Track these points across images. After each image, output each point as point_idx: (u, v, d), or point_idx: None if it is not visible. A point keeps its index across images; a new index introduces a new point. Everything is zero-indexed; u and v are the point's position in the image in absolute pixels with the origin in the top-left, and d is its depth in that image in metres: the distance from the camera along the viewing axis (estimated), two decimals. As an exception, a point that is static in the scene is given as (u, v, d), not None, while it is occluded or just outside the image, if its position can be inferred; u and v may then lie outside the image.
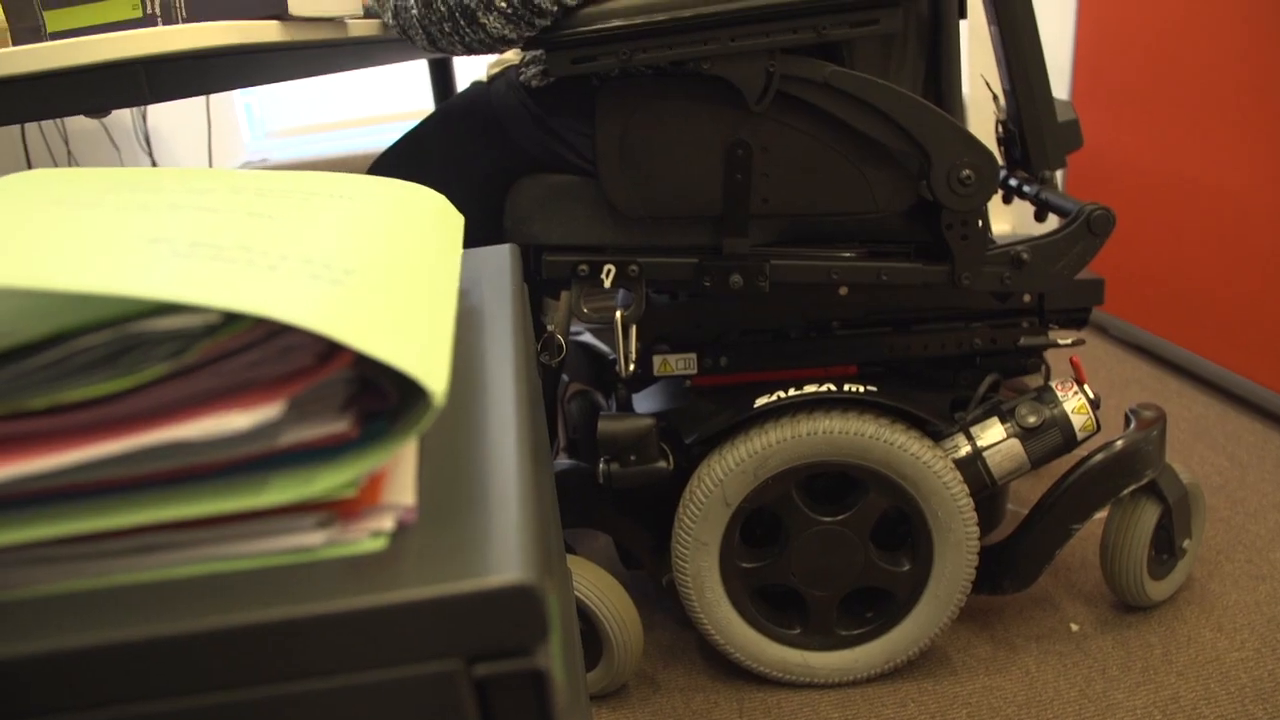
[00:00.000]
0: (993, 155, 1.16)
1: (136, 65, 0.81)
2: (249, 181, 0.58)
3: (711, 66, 1.10)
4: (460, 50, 1.11)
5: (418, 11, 1.09)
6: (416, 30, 1.11)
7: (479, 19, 1.06)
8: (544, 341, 1.25)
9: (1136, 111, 2.27)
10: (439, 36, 1.09)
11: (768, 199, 1.17)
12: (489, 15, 1.05)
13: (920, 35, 1.18)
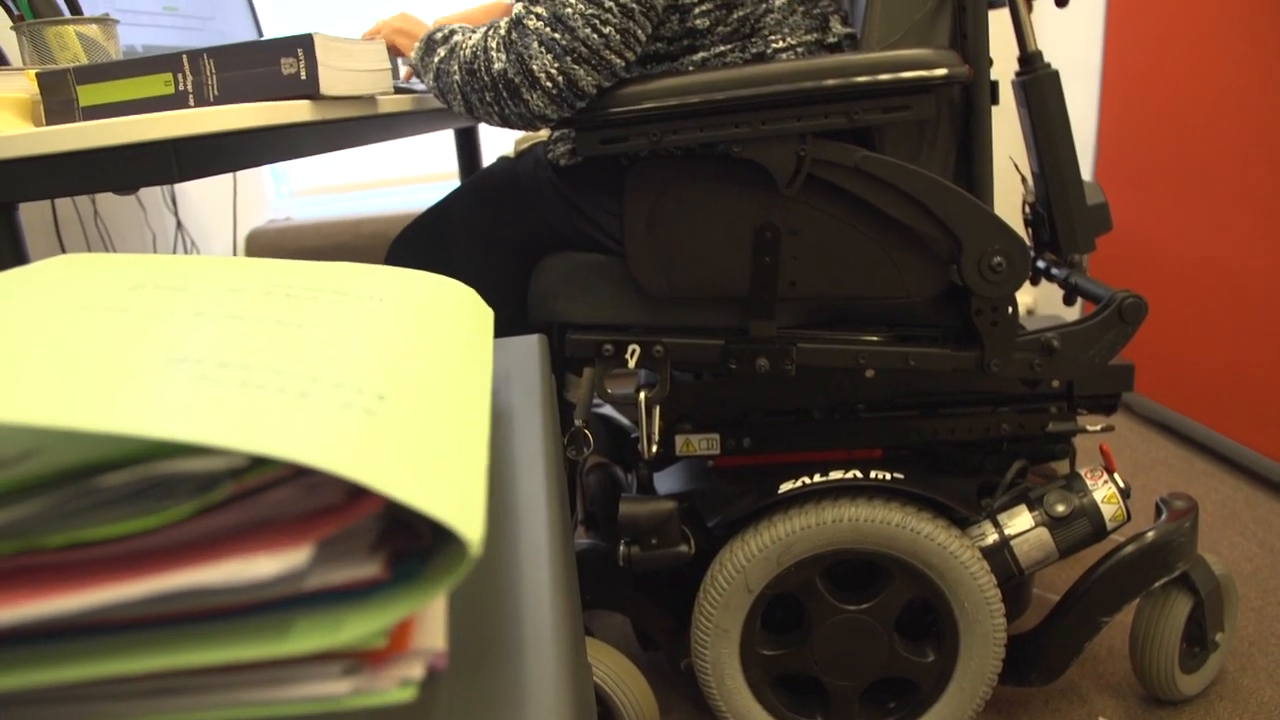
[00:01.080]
0: (1024, 242, 1.15)
1: (167, 146, 0.81)
2: (278, 279, 0.57)
3: (742, 149, 1.09)
4: (496, 121, 1.11)
5: (459, 78, 1.10)
6: (456, 96, 1.11)
7: (522, 94, 1.06)
8: (571, 435, 1.24)
9: (1160, 190, 2.26)
10: (477, 105, 1.10)
11: (796, 282, 1.16)
12: (533, 92, 1.05)
13: (952, 120, 1.17)
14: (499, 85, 1.07)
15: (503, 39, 1.07)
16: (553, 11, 1.04)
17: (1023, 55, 1.28)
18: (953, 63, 1.09)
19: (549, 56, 1.04)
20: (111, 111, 0.93)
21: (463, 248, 1.28)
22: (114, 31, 1.16)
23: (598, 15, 1.03)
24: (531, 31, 1.05)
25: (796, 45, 1.17)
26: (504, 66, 1.06)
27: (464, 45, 1.11)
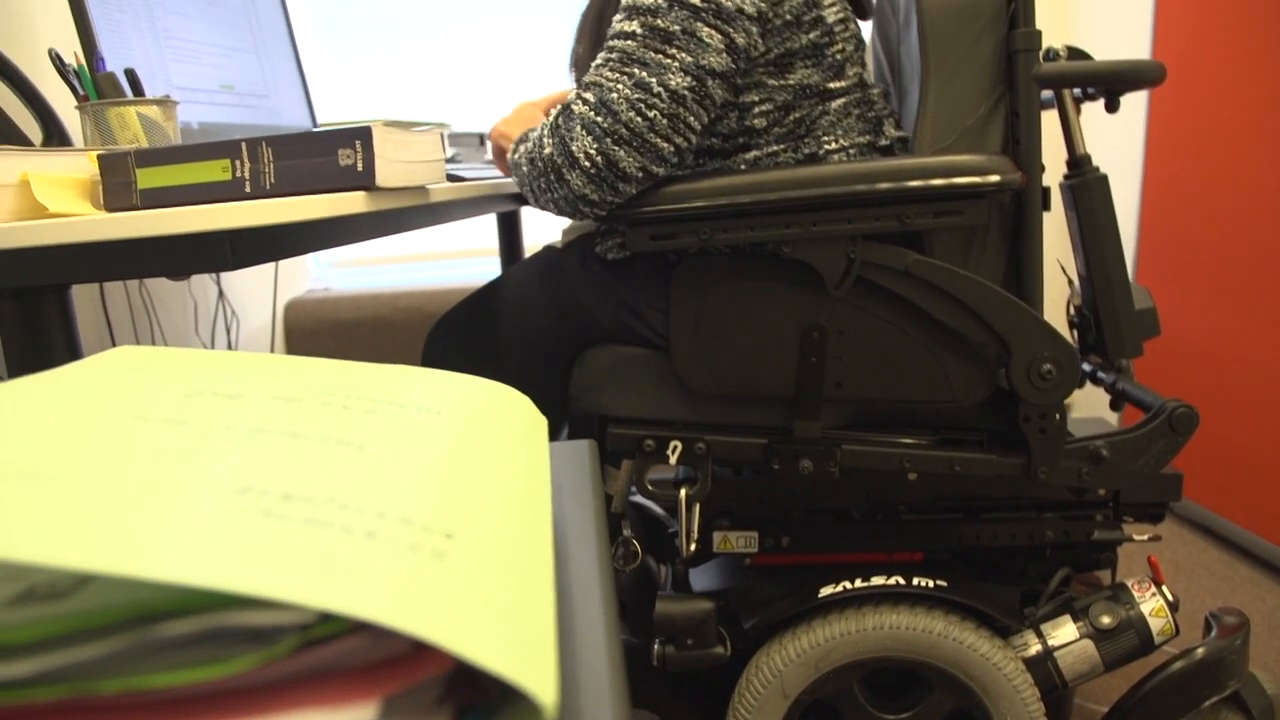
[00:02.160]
0: (1075, 350, 1.14)
1: (223, 236, 0.81)
2: (334, 386, 0.56)
3: (792, 250, 1.09)
4: (551, 207, 1.13)
5: (526, 167, 1.12)
6: (525, 185, 1.14)
7: (564, 175, 1.07)
8: (619, 546, 1.22)
9: (1203, 291, 2.24)
10: (538, 192, 1.12)
11: (842, 383, 1.14)
12: (573, 172, 1.06)
13: (1003, 225, 1.17)
14: (547, 169, 1.08)
15: (552, 125, 1.09)
16: (599, 97, 1.05)
17: (1071, 158, 1.27)
18: (1006, 169, 1.09)
19: (589, 138, 1.05)
20: (169, 195, 0.93)
21: (507, 336, 1.28)
22: (173, 113, 1.18)
23: (644, 100, 1.04)
24: (577, 116, 1.06)
25: (849, 147, 1.17)
26: (551, 151, 1.08)
27: (531, 136, 1.14)
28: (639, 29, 1.06)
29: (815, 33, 1.16)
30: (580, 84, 1.09)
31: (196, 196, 0.93)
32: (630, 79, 1.05)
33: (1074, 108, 1.30)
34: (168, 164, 0.95)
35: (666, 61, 1.05)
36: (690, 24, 1.06)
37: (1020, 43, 1.15)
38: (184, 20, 1.55)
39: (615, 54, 1.07)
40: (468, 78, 2.84)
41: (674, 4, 1.06)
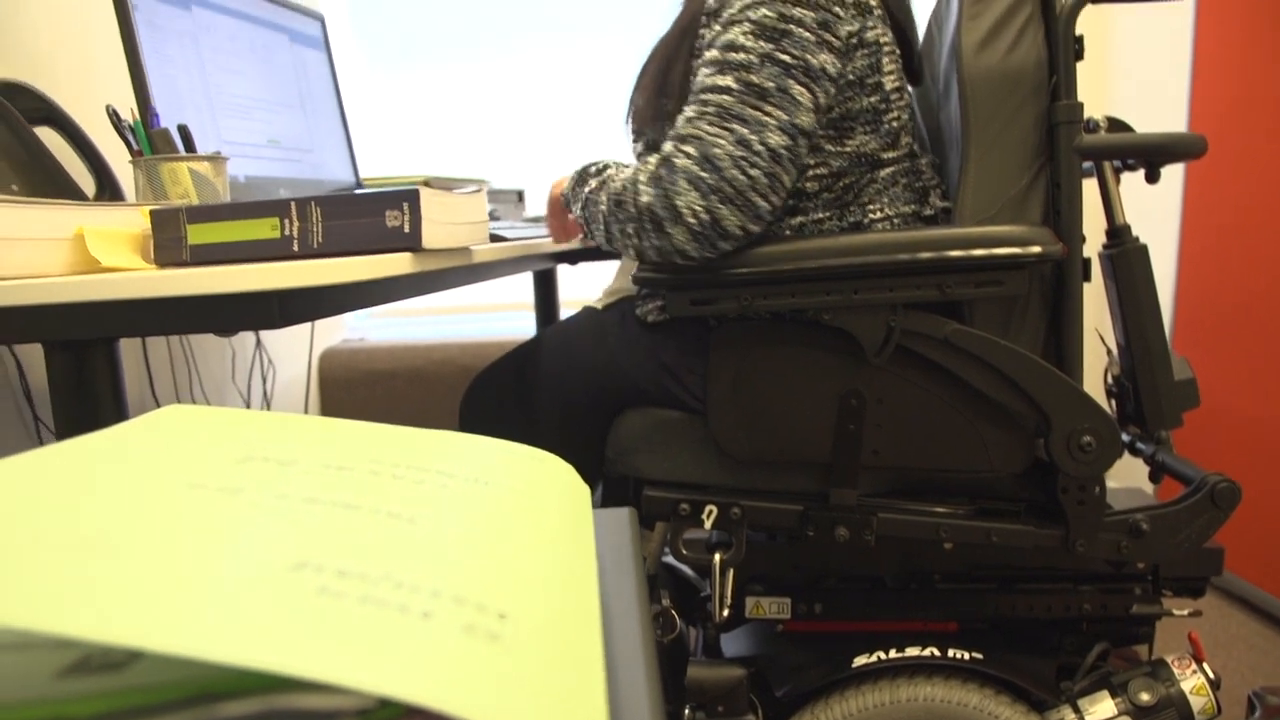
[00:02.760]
0: (1115, 423, 1.13)
1: (272, 295, 0.82)
2: (384, 451, 0.57)
3: (832, 317, 1.09)
4: (631, 253, 1.13)
5: (605, 208, 1.12)
6: (599, 224, 1.15)
7: (665, 229, 1.07)
8: (657, 616, 1.22)
9: (1242, 360, 2.22)
10: (617, 236, 1.12)
11: (879, 451, 1.14)
12: (676, 227, 1.06)
13: (1043, 295, 1.17)
14: (643, 218, 1.08)
15: (651, 174, 1.08)
16: (702, 151, 1.05)
17: (1111, 228, 1.27)
18: (1047, 240, 1.09)
19: (695, 194, 1.04)
20: (217, 251, 0.95)
21: (545, 396, 1.28)
22: (223, 168, 1.20)
23: (746, 158, 1.04)
24: (680, 169, 1.05)
25: (894, 216, 1.18)
26: (650, 200, 1.07)
27: (615, 178, 1.14)
28: (734, 84, 1.07)
29: (875, 97, 1.17)
30: (676, 136, 1.08)
31: (245, 253, 0.94)
32: (732, 135, 1.05)
33: (1114, 178, 1.30)
34: (218, 221, 0.96)
35: (765, 119, 1.06)
36: (783, 81, 1.07)
37: (1062, 115, 1.15)
38: (235, 77, 1.59)
39: (711, 108, 1.07)
40: (505, 133, 2.88)
41: (765, 60, 1.07)
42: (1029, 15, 1.18)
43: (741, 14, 1.10)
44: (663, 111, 1.21)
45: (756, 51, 1.08)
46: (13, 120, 1.20)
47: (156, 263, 0.96)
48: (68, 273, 0.94)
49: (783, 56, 1.08)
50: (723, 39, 1.10)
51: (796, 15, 1.09)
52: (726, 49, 1.09)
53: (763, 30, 1.08)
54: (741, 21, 1.09)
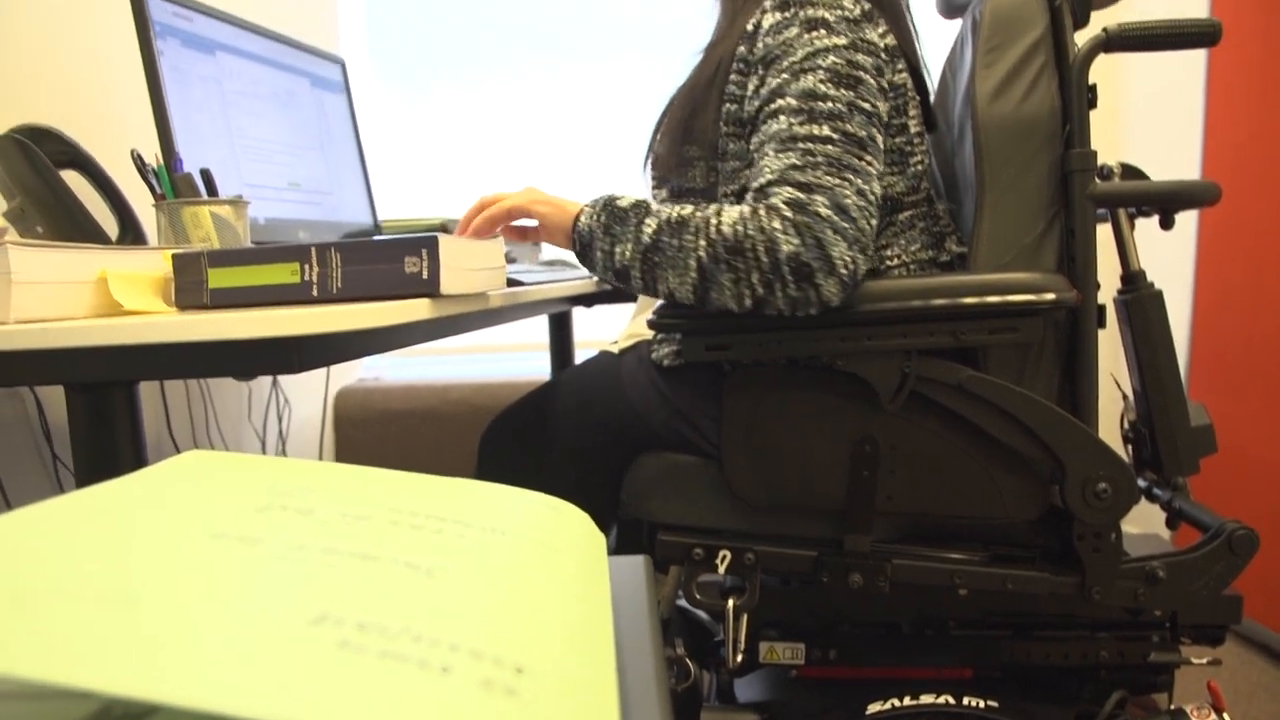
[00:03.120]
0: (1131, 470, 1.13)
1: (290, 341, 0.83)
2: (402, 500, 0.57)
3: (846, 362, 1.10)
4: (736, 303, 1.06)
5: (704, 254, 1.05)
6: (684, 272, 1.07)
7: (815, 280, 1.02)
8: (672, 664, 1.22)
9: (1259, 406, 2.21)
10: (726, 285, 1.05)
11: (893, 497, 1.14)
12: (829, 279, 1.02)
13: (1057, 342, 1.17)
14: (783, 268, 1.02)
15: (790, 221, 1.02)
16: (834, 201, 1.02)
17: (1125, 274, 1.27)
18: (1061, 288, 1.09)
19: (844, 244, 1.02)
20: (237, 295, 0.96)
21: (560, 439, 1.29)
22: (244, 212, 1.22)
23: (866, 208, 1.04)
24: (824, 219, 1.02)
25: (910, 261, 1.19)
26: (797, 250, 1.02)
27: (709, 221, 1.06)
28: (833, 134, 1.06)
29: (901, 138, 1.19)
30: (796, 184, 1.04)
31: (265, 297, 0.95)
32: (850, 185, 1.04)
33: (1128, 224, 1.30)
34: (238, 265, 0.97)
35: (869, 169, 1.06)
36: (870, 130, 1.08)
37: (1076, 162, 1.16)
38: (257, 120, 1.61)
39: (820, 157, 1.05)
40: (522, 170, 2.90)
41: (853, 109, 1.08)
42: (1043, 64, 1.19)
43: (811, 62, 1.10)
44: (686, 159, 1.21)
45: (843, 100, 1.08)
46: (39, 164, 1.21)
47: (177, 305, 0.97)
48: (90, 315, 0.95)
49: (864, 105, 1.09)
50: (797, 87, 1.09)
51: (861, 61, 1.11)
52: (808, 97, 1.08)
53: (839, 78, 1.09)
54: (815, 70, 1.09)
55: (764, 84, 1.13)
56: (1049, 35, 1.20)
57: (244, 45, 1.62)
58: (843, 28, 1.11)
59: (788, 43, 1.11)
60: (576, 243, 1.15)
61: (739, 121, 1.17)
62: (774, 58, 1.13)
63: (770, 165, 1.07)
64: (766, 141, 1.10)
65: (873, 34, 1.14)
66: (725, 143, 1.18)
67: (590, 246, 1.14)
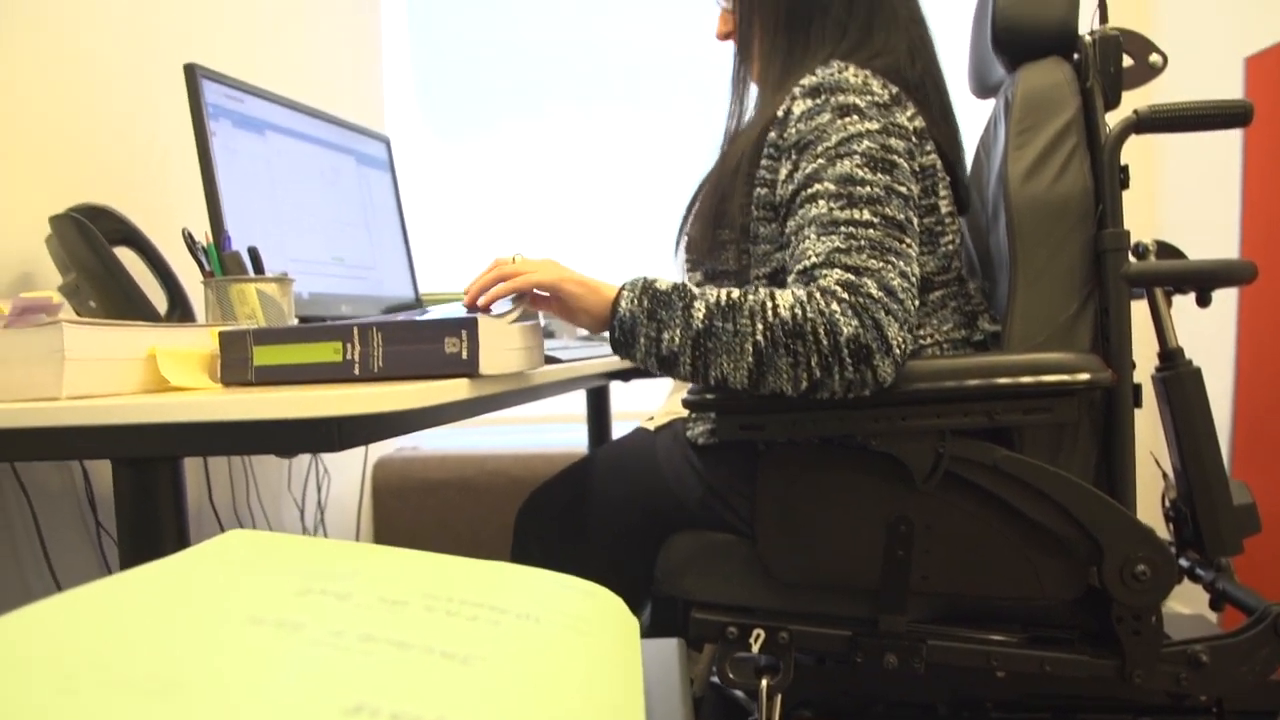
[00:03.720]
0: (1170, 551, 1.12)
1: (331, 420, 0.85)
2: (438, 585, 0.58)
3: (879, 442, 1.10)
4: (788, 389, 1.05)
5: (762, 339, 1.04)
6: (739, 357, 1.05)
7: (874, 361, 1.03)
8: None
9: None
10: (784, 370, 1.04)
11: (928, 576, 1.13)
12: (885, 359, 1.03)
13: (1093, 421, 1.17)
14: (843, 350, 1.02)
15: (848, 303, 1.03)
16: (882, 283, 1.04)
17: (1163, 351, 1.27)
18: (1095, 368, 1.09)
19: (897, 325, 1.03)
20: (281, 373, 0.98)
21: (596, 516, 1.30)
22: (289, 289, 1.25)
23: (909, 290, 1.06)
24: (877, 300, 1.03)
25: (943, 341, 1.19)
26: (857, 333, 1.02)
27: (764, 305, 1.05)
28: (874, 218, 1.08)
29: (931, 219, 1.20)
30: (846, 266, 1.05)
31: (308, 375, 0.98)
32: (894, 268, 1.05)
33: (1165, 301, 1.30)
34: (283, 344, 1.00)
35: (908, 251, 1.08)
36: (907, 213, 1.10)
37: (1109, 242, 1.17)
38: (304, 197, 1.65)
39: (863, 241, 1.06)
40: (558, 247, 2.94)
41: (890, 193, 1.10)
42: (1074, 145, 1.20)
43: (846, 147, 1.11)
44: (719, 242, 1.23)
45: (880, 184, 1.10)
46: (94, 241, 1.26)
47: (223, 382, 0.99)
48: (139, 390, 0.98)
49: (900, 189, 1.11)
50: (834, 172, 1.11)
51: (894, 145, 1.13)
52: (846, 182, 1.10)
53: (875, 163, 1.11)
54: (850, 155, 1.11)
55: (798, 169, 1.14)
56: (1080, 117, 1.22)
57: (293, 125, 1.67)
58: (874, 113, 1.14)
59: (820, 128, 1.13)
60: (616, 329, 1.11)
61: (770, 206, 1.19)
62: (807, 143, 1.14)
63: (814, 248, 1.08)
64: (806, 225, 1.11)
65: (902, 118, 1.16)
66: (756, 226, 1.20)
67: (633, 333, 1.10)
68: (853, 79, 1.16)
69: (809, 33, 1.24)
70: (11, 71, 1.40)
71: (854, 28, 1.24)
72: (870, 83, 1.16)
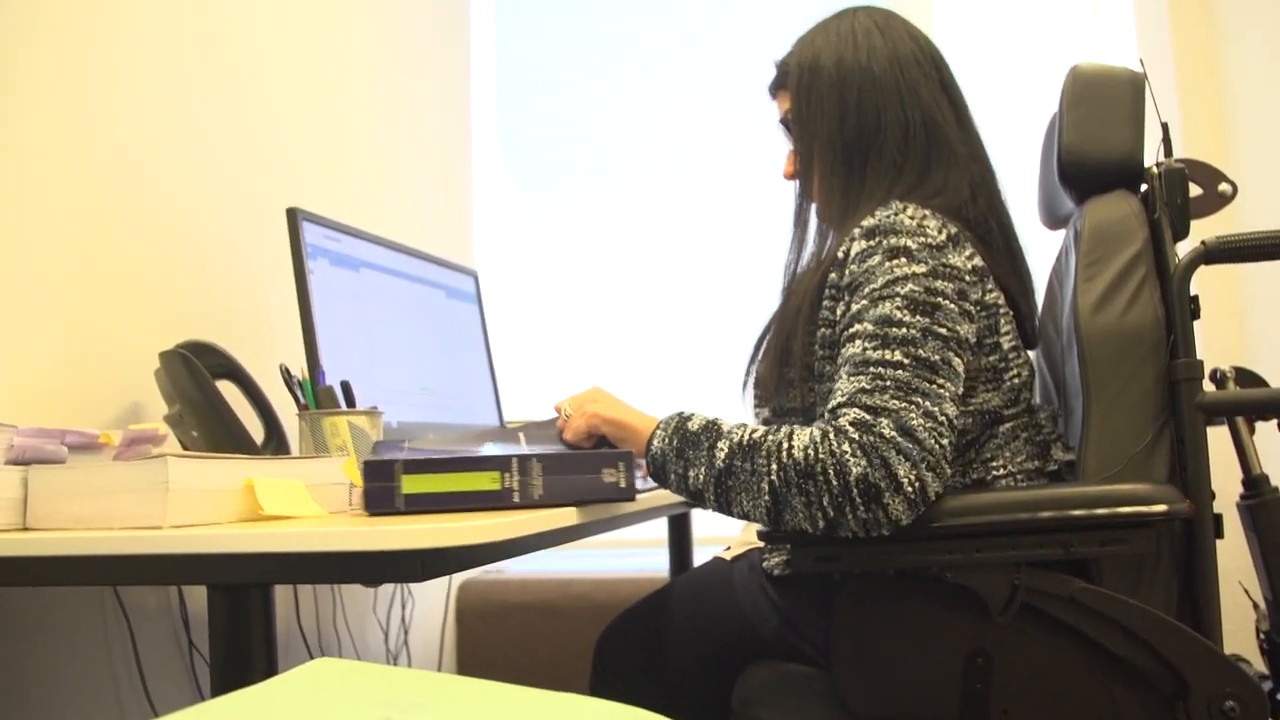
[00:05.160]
0: (1259, 687, 1.09)
1: (415, 554, 0.88)
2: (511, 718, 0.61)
3: (955, 575, 1.10)
4: (807, 526, 1.08)
5: (776, 478, 1.07)
6: (757, 495, 1.08)
7: (883, 499, 1.04)
8: None
9: None
10: (798, 509, 1.07)
11: (1008, 711, 1.12)
12: (895, 498, 1.04)
13: (1173, 552, 1.15)
14: (853, 490, 1.04)
15: (857, 443, 1.05)
16: (898, 423, 1.06)
17: (1247, 478, 1.25)
18: (1172, 498, 1.09)
19: (907, 463, 1.04)
20: (432, 501, 1.04)
21: (674, 645, 1.31)
22: (379, 421, 1.31)
23: (935, 429, 1.07)
24: (888, 440, 1.05)
25: (1016, 472, 1.20)
26: (865, 471, 1.04)
27: (780, 445, 1.08)
28: (904, 359, 1.10)
29: (994, 356, 1.21)
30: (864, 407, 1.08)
31: (462, 503, 1.04)
32: (917, 408, 1.07)
33: (1247, 428, 1.29)
34: (436, 473, 1.05)
35: (939, 391, 1.09)
36: (944, 354, 1.12)
37: (1182, 372, 1.17)
38: (395, 330, 1.73)
39: (889, 382, 1.09)
40: (637, 381, 2.99)
41: (926, 334, 1.12)
42: (1144, 276, 1.21)
43: (889, 289, 1.14)
44: (785, 380, 1.25)
45: (916, 326, 1.12)
46: (198, 374, 1.33)
47: (368, 511, 1.04)
48: (235, 519, 1.03)
49: (940, 330, 1.13)
50: (874, 313, 1.13)
51: (940, 288, 1.15)
52: (883, 323, 1.12)
53: (915, 305, 1.13)
54: (892, 297, 1.14)
55: (848, 309, 1.17)
56: (1149, 247, 1.23)
57: (386, 261, 1.76)
58: (924, 255, 1.16)
59: (870, 270, 1.16)
60: (650, 464, 1.17)
61: (832, 345, 1.21)
62: (858, 284, 1.17)
63: (842, 389, 1.11)
64: (843, 365, 1.14)
65: (956, 258, 1.18)
66: (821, 365, 1.23)
67: (664, 469, 1.16)
68: (908, 221, 1.19)
69: (865, 173, 1.28)
70: (126, 217, 1.51)
71: (909, 168, 1.28)
72: (926, 224, 1.19)
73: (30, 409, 1.29)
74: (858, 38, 1.31)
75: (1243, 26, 2.50)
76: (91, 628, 1.39)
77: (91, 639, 1.39)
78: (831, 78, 1.30)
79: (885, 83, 1.29)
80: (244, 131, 1.82)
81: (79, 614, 1.37)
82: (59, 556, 0.94)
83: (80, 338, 1.40)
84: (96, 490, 1.00)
